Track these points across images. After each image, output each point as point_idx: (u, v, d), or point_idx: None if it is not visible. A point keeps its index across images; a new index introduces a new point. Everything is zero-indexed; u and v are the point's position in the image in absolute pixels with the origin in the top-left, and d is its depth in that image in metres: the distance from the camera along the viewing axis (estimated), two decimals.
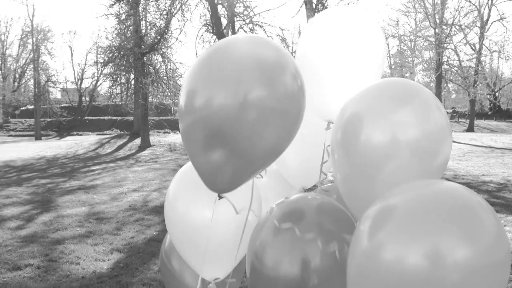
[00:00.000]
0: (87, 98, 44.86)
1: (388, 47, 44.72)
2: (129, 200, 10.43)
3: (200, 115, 1.64)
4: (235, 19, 21.09)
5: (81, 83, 44.20)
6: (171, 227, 2.17)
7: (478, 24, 31.68)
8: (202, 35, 23.22)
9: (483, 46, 31.72)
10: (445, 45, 27.33)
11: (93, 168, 17.41)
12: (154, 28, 24.28)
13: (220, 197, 1.77)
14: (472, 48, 31.52)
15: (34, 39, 39.37)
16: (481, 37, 31.04)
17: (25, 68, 43.58)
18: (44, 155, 22.48)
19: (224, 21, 21.31)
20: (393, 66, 42.56)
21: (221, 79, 1.63)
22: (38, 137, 35.20)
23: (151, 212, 9.09)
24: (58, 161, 20.13)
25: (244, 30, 21.84)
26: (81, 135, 36.63)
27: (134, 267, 5.73)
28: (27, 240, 6.99)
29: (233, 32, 21.48)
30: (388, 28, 36.99)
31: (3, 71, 43.41)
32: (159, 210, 9.17)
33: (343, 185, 1.78)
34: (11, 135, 38.55)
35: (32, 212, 9.12)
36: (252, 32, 21.56)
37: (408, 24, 33.94)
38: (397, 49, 40.42)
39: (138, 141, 26.47)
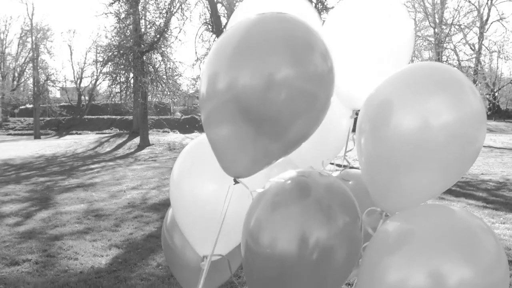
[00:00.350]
0: (86, 97, 44.82)
1: None
2: (128, 197, 10.41)
3: (224, 98, 1.56)
4: None
5: (80, 82, 44.18)
6: (175, 205, 2.12)
7: (478, 24, 31.66)
8: (201, 34, 23.25)
9: (483, 46, 31.71)
10: (445, 44, 27.29)
11: (92, 166, 17.38)
12: (153, 27, 24.28)
13: (236, 182, 1.71)
14: (471, 48, 31.52)
15: (34, 38, 39.36)
16: (481, 37, 31.01)
17: (24, 67, 43.53)
18: (43, 154, 22.45)
19: (224, 20, 21.31)
20: None
21: (246, 59, 1.54)
22: (37, 136, 35.17)
23: (150, 209, 9.07)
24: (57, 160, 20.10)
25: None
26: (80, 134, 36.60)
27: (132, 263, 5.71)
28: (25, 236, 6.97)
29: None
30: None
31: (2, 70, 43.35)
32: (158, 207, 9.16)
33: (367, 171, 1.74)
34: (10, 134, 38.52)
35: (31, 209, 9.10)
36: None
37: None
38: None
39: (137, 140, 26.44)
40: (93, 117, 41.43)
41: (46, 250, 6.21)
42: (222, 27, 21.04)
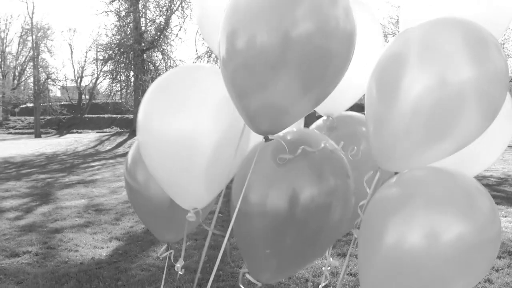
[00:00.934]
0: (87, 96, 44.83)
1: None
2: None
3: (244, 59, 1.48)
4: None
5: (80, 81, 44.19)
6: (146, 151, 1.85)
7: None
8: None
9: None
10: None
11: (93, 164, 17.38)
12: (154, 25, 24.29)
13: (267, 139, 1.64)
14: None
15: (34, 36, 39.40)
16: None
17: (25, 66, 43.57)
18: (44, 152, 22.45)
19: None
20: None
21: (261, 14, 1.44)
22: (37, 135, 35.18)
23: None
24: (57, 158, 20.09)
25: None
26: (80, 132, 36.60)
27: (133, 254, 5.70)
28: (25, 230, 6.96)
29: None
30: (388, 27, 36.92)
31: (2, 69, 43.37)
32: None
33: (375, 132, 1.66)
34: (10, 133, 38.54)
35: (31, 204, 9.09)
36: None
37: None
38: None
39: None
40: (93, 116, 41.44)
41: (46, 242, 6.20)
42: None
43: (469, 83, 1.43)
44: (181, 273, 2.27)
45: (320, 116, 2.21)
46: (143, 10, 24.69)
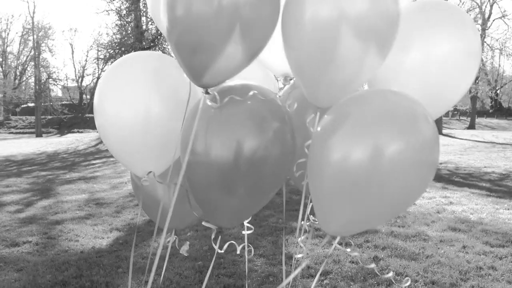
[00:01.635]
0: (88, 96, 44.87)
1: None
2: (129, 188, 10.36)
3: (183, 27, 1.52)
4: None
5: (81, 80, 44.22)
6: (103, 132, 1.91)
7: (480, 21, 31.63)
8: None
9: (485, 43, 31.63)
10: None
11: (94, 162, 17.36)
12: (154, 23, 24.30)
13: (207, 93, 1.67)
14: None
15: (35, 36, 39.44)
16: (483, 34, 30.95)
17: (26, 66, 43.63)
18: (45, 151, 22.45)
19: None
20: None
21: None
22: (38, 134, 35.18)
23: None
24: (58, 156, 20.09)
25: None
26: (81, 132, 36.58)
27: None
28: (26, 221, 6.94)
29: None
30: None
31: (4, 68, 43.45)
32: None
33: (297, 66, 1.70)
34: (11, 133, 38.55)
35: (32, 199, 9.07)
36: None
37: None
38: None
39: None
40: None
41: (46, 233, 6.18)
42: None
43: None
44: (186, 255, 2.28)
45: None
46: (144, 9, 24.66)
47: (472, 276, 4.45)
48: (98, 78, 39.69)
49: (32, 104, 41.51)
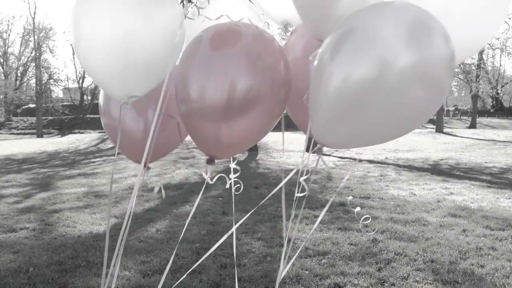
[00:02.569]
0: (89, 97, 44.91)
1: None
2: (129, 182, 10.35)
3: None
4: None
5: (82, 81, 44.24)
6: (80, 54, 1.75)
7: None
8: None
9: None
10: None
11: (94, 160, 17.36)
12: None
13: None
14: None
15: (36, 37, 39.50)
16: None
17: (27, 66, 43.65)
18: (46, 150, 22.45)
19: None
20: None
21: None
22: (40, 135, 35.18)
23: (150, 190, 8.99)
24: (59, 155, 20.08)
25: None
26: (82, 133, 36.56)
27: (131, 230, 5.63)
28: (24, 211, 6.91)
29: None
30: None
31: (5, 69, 43.54)
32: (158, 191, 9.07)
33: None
34: (13, 133, 38.57)
35: (31, 191, 9.05)
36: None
37: None
38: None
39: None
40: (95, 116, 41.34)
41: (44, 220, 6.15)
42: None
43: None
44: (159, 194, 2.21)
45: None
46: None
47: (472, 256, 4.40)
48: None
49: (33, 105, 41.56)
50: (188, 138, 1.99)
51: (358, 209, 1.72)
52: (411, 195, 7.94)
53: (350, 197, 2.14)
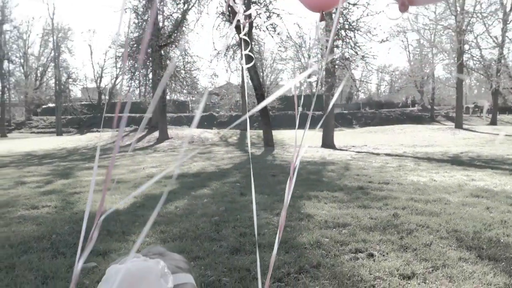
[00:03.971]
0: (106, 96, 45.53)
1: (407, 41, 44.23)
2: (147, 172, 10.46)
3: None
4: (251, 6, 21.08)
5: (100, 81, 44.84)
6: None
7: (500, 15, 30.96)
8: (218, 25, 23.34)
9: (506, 37, 30.94)
10: (467, 32, 26.76)
11: (112, 155, 17.58)
12: (171, 21, 24.49)
13: None
14: (494, 41, 30.77)
15: (55, 37, 40.21)
16: (504, 27, 30.27)
17: (46, 67, 44.44)
18: (65, 147, 22.85)
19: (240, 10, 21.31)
20: (412, 62, 42.01)
21: None
22: (59, 133, 35.80)
23: (168, 178, 9.05)
24: (78, 151, 20.41)
25: (260, 18, 21.82)
26: (98, 131, 37.01)
27: (150, 206, 5.68)
28: (45, 193, 7.02)
29: (250, 20, 21.48)
30: (406, 23, 36.51)
31: (25, 70, 44.42)
32: (176, 177, 9.11)
33: None
34: (33, 132, 39.33)
35: (52, 179, 9.20)
36: (269, 20, 21.51)
37: (428, 18, 33.44)
38: (416, 43, 39.95)
39: (156, 134, 26.65)
40: (113, 115, 41.82)
41: (65, 199, 6.24)
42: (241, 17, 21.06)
43: None
44: None
45: None
46: (161, 7, 24.91)
47: (496, 227, 4.30)
48: (116, 77, 40.35)
49: (53, 105, 42.29)
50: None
51: None
52: (431, 181, 7.80)
53: None
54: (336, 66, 19.45)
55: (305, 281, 2.95)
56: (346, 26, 19.03)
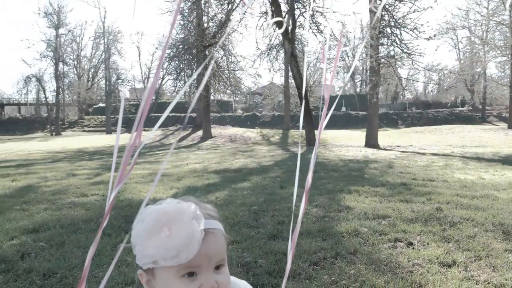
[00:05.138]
0: (153, 96, 46.77)
1: (457, 39, 42.52)
2: (190, 167, 10.70)
3: None
4: (295, 6, 21.05)
5: (147, 81, 46.25)
6: None
7: None
8: (262, 25, 23.48)
9: None
10: None
11: (158, 152, 18.16)
12: (215, 21, 24.89)
13: None
14: None
15: (106, 40, 41.98)
16: None
17: (97, 68, 46.44)
18: (114, 144, 23.73)
19: (284, 9, 21.37)
20: (462, 60, 40.34)
21: None
22: (108, 132, 37.33)
23: (210, 173, 9.23)
24: (126, 148, 21.20)
25: (304, 17, 21.73)
26: (147, 130, 38.24)
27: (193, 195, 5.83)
28: (94, 183, 7.37)
29: (293, 20, 21.44)
30: (455, 20, 35.13)
31: (78, 71, 46.62)
32: (218, 172, 9.27)
33: None
34: (84, 131, 41.23)
35: (101, 172, 9.62)
36: (313, 19, 21.39)
37: (480, 13, 31.97)
38: (467, 40, 38.26)
39: (200, 133, 27.17)
40: (159, 114, 43.21)
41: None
42: (283, 16, 21.11)
43: None
44: None
45: None
46: (205, 8, 25.39)
47: None
48: (162, 78, 41.38)
49: (103, 104, 44.09)
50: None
51: None
52: (479, 179, 7.50)
53: None
54: (381, 65, 19.07)
55: (341, 265, 2.95)
56: (392, 23, 18.62)
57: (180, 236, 1.01)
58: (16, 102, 53.72)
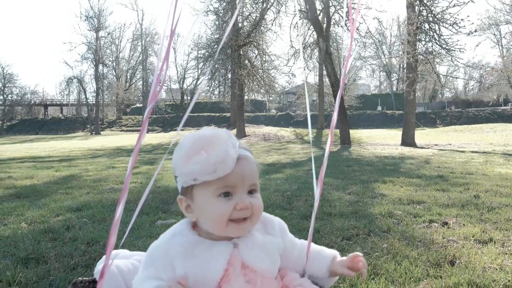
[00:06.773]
0: (189, 97, 47.79)
1: (500, 35, 40.94)
2: None
3: None
4: (330, 3, 20.92)
5: (183, 82, 47.19)
6: None
7: None
8: (296, 23, 23.47)
9: None
10: None
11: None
12: (249, 21, 25.08)
13: None
14: None
15: (143, 41, 43.12)
16: None
17: (135, 69, 47.74)
18: (150, 143, 24.39)
19: (318, 6, 21.30)
20: (505, 57, 38.80)
21: None
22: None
23: None
24: (162, 146, 21.71)
25: (340, 15, 21.57)
26: (183, 130, 38.96)
27: None
28: (133, 174, 7.61)
29: (328, 17, 21.32)
30: (498, 15, 33.89)
31: (116, 72, 48.11)
32: None
33: None
34: (122, 130, 42.45)
35: (138, 165, 9.92)
36: (347, 17, 21.14)
37: None
38: (511, 36, 36.78)
39: (234, 131, 27.43)
40: (194, 114, 43.93)
41: (149, 178, 6.76)
42: (317, 13, 21.01)
43: None
44: None
45: None
46: (240, 7, 25.61)
47: None
48: (197, 78, 42.11)
49: (140, 105, 45.25)
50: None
51: None
52: None
53: None
54: (419, 61, 18.63)
55: (374, 240, 2.95)
56: (430, 19, 18.18)
57: (216, 154, 1.09)
58: (58, 103, 56.11)
